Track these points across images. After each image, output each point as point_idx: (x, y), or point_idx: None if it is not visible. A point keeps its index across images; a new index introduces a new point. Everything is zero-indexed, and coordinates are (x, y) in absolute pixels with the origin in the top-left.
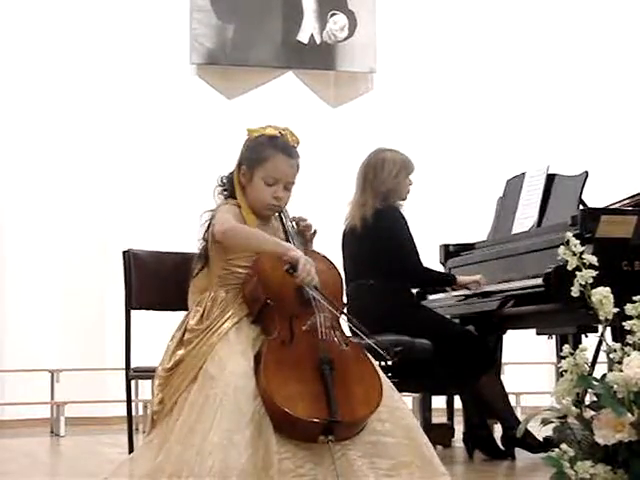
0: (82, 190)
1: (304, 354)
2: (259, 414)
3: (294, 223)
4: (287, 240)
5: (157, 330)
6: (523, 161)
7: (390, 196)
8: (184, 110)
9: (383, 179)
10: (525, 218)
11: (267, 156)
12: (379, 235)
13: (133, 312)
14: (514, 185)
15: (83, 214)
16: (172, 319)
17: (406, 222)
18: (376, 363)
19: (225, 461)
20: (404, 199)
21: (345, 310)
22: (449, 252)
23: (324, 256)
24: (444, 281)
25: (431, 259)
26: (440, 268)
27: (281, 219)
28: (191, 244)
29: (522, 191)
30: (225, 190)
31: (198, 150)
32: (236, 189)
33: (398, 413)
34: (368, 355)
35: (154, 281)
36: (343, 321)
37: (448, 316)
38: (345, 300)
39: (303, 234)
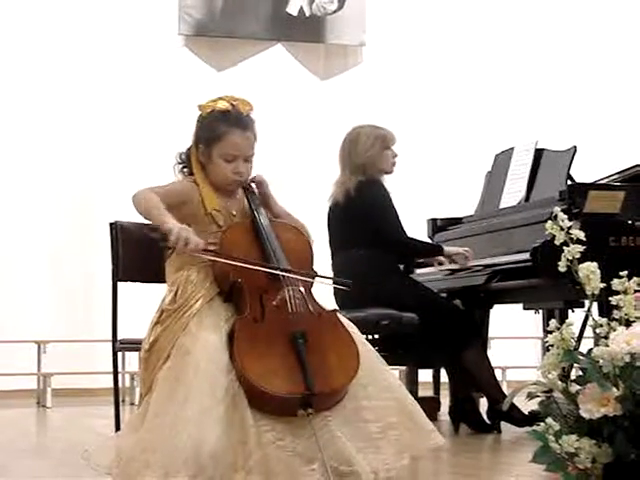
0: (69, 162)
1: (276, 329)
2: (233, 388)
3: (253, 188)
4: (251, 211)
5: (144, 302)
6: (511, 135)
7: (368, 169)
8: (172, 81)
9: (358, 153)
10: (513, 193)
11: (222, 133)
12: (361, 207)
13: (120, 284)
14: (502, 160)
15: (70, 186)
16: (159, 291)
17: (387, 193)
18: (362, 337)
19: (199, 435)
20: (388, 172)
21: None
22: (437, 226)
23: (290, 224)
24: (430, 251)
25: (419, 233)
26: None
27: (245, 195)
28: None
29: (510, 166)
30: (185, 167)
31: (186, 122)
32: (194, 167)
33: (379, 375)
34: (343, 322)
35: (141, 253)
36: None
37: (435, 290)
38: (331, 273)
39: (261, 193)
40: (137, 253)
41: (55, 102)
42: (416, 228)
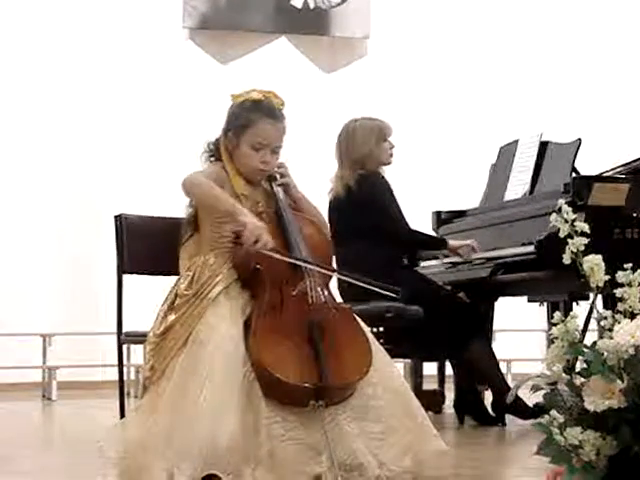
0: (74, 154)
1: (294, 319)
2: (248, 379)
3: (277, 177)
4: (276, 204)
5: (149, 295)
6: (516, 128)
7: (367, 162)
8: (177, 75)
9: (355, 147)
10: (518, 185)
11: (252, 121)
12: (362, 200)
13: (125, 277)
14: (507, 152)
15: (75, 178)
16: (164, 284)
17: (389, 185)
18: (367, 329)
19: (215, 427)
20: (386, 163)
21: (335, 271)
22: (441, 219)
23: (312, 220)
24: (434, 244)
25: (423, 226)
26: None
27: (269, 183)
28: (183, 209)
29: (515, 158)
30: (212, 156)
31: (190, 115)
32: (223, 156)
33: (388, 376)
34: (358, 319)
35: (146, 246)
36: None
37: (440, 282)
38: (334, 266)
39: (285, 186)
40: (142, 245)
41: (61, 95)
42: (420, 221)
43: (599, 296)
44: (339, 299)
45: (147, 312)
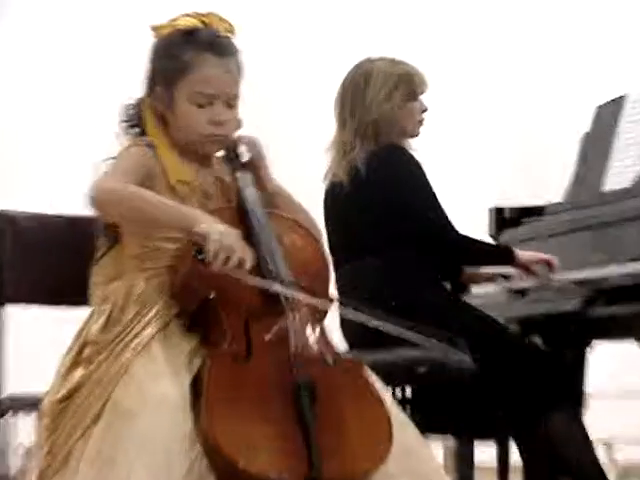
0: None
1: (269, 377)
2: (199, 470)
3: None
4: (239, 197)
5: (44, 337)
6: (620, 81)
7: (384, 129)
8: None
9: (369, 103)
10: (625, 167)
11: (189, 62)
12: (377, 190)
13: (7, 309)
14: (608, 115)
15: None
16: (68, 318)
17: (420, 167)
18: (387, 392)
19: None
20: (412, 135)
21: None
22: (504, 219)
23: (297, 221)
24: (493, 256)
25: (474, 230)
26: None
27: (230, 164)
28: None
29: (620, 125)
30: (134, 126)
31: (96, 63)
32: (147, 123)
33: (418, 464)
34: (371, 377)
35: (40, 260)
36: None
37: (501, 320)
38: (335, 291)
39: (251, 162)
40: (33, 260)
41: None
42: (470, 222)
43: None
44: (341, 344)
45: (41, 364)
